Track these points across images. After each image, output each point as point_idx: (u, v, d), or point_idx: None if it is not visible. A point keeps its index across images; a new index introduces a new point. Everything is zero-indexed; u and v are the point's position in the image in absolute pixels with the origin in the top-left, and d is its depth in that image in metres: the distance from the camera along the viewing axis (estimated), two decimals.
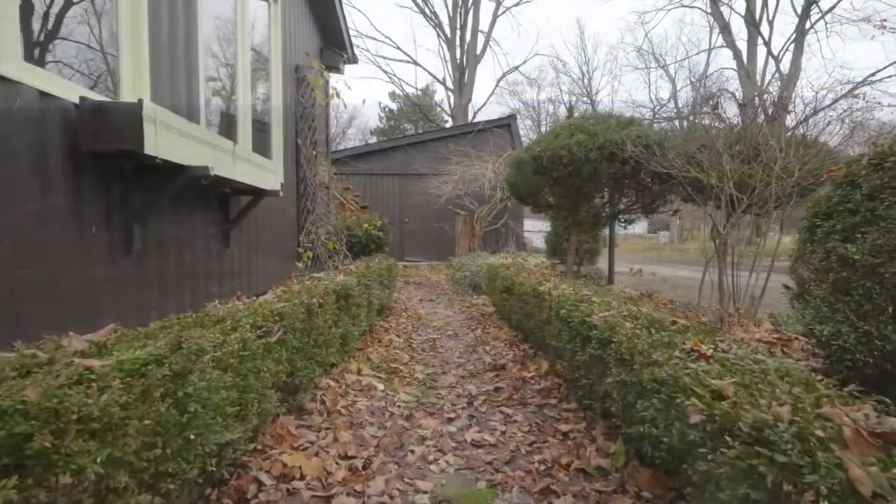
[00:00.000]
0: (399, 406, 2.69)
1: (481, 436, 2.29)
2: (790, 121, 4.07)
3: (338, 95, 5.99)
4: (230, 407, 1.47)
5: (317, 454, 1.98)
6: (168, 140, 2.53)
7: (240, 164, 3.51)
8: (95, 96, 2.39)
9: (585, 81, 34.03)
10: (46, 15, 2.34)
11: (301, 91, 6.37)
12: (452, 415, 2.58)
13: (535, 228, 17.80)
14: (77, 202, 2.33)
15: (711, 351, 1.39)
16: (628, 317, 1.92)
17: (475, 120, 18.36)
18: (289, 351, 2.09)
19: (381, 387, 2.99)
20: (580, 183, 4.94)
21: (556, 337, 2.62)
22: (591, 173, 4.75)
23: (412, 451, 2.12)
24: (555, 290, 2.92)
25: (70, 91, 2.27)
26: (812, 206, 2.37)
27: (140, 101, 2.29)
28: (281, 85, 5.43)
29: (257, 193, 4.06)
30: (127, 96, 2.76)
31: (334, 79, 7.80)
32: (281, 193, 4.30)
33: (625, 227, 6.32)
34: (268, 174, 4.18)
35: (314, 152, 6.74)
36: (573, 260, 5.91)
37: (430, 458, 2.08)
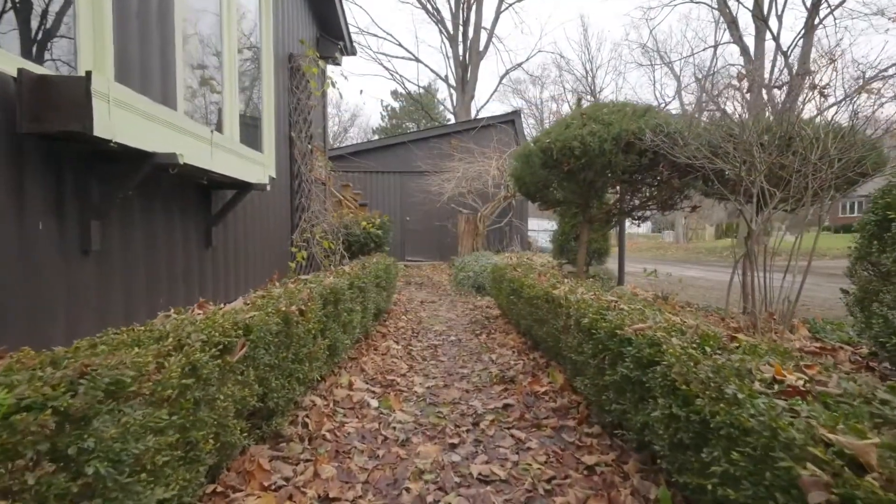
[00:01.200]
0: (394, 428, 2.34)
1: (490, 468, 1.93)
2: (823, 104, 3.71)
3: (333, 85, 5.64)
4: (165, 453, 1.12)
5: (290, 497, 1.63)
6: (126, 121, 2.19)
7: (220, 154, 3.17)
8: (39, 70, 2.05)
9: (589, 79, 33.61)
10: None
11: (295, 81, 6.03)
12: (456, 439, 2.23)
13: (540, 228, 17.42)
14: (18, 193, 1.98)
15: (803, 382, 1.04)
16: (672, 330, 1.57)
17: (478, 117, 18.00)
18: (260, 370, 1.75)
19: (374, 403, 2.64)
20: (593, 177, 4.58)
21: (576, 350, 2.26)
22: (604, 166, 4.39)
23: (407, 490, 1.77)
24: (572, 295, 2.56)
25: (7, 62, 1.93)
26: (881, 197, 2.01)
27: (88, 74, 1.95)
28: (273, 73, 5.09)
29: (242, 187, 3.72)
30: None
31: (331, 70, 7.46)
32: (268, 187, 3.96)
33: (638, 225, 5.95)
34: (254, 166, 3.84)
35: (309, 146, 6.40)
36: (584, 259, 5.54)
37: (430, 498, 1.72)
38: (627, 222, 5.97)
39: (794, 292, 3.38)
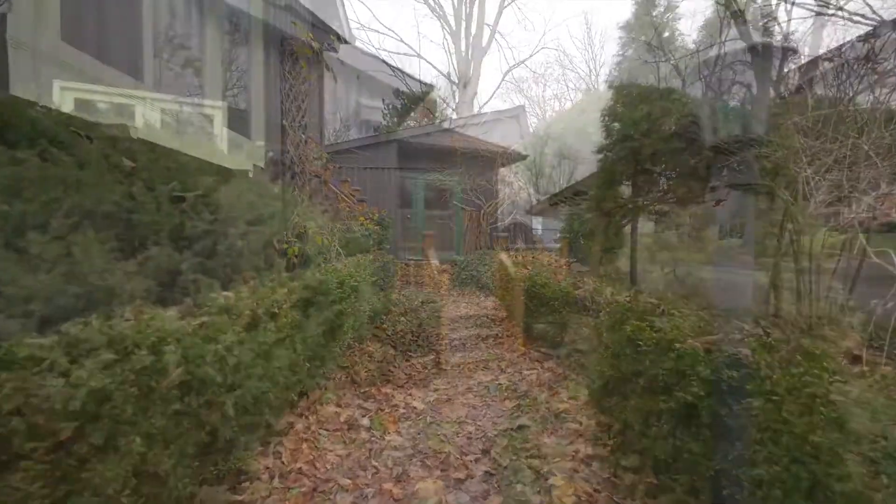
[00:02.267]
0: (388, 456, 1.94)
1: None
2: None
3: (328, 68, 5.24)
4: None
5: None
6: (62, 82, 1.80)
7: (192, 134, 2.78)
8: None
9: (593, 77, 33.11)
10: None
11: (288, 67, 5.61)
12: (462, 472, 1.83)
13: (545, 226, 16.98)
14: None
15: None
16: (756, 345, 1.16)
17: (481, 113, 17.60)
18: (208, 395, 1.35)
19: (366, 423, 2.25)
20: (612, 165, 4.18)
21: (610, 363, 1.86)
22: (625, 152, 3.99)
23: None
24: (599, 296, 2.16)
25: None
26: None
27: (2, 17, 1.55)
28: (262, 55, 4.70)
29: (223, 174, 3.32)
30: (24, 29, 2.03)
31: (327, 57, 7.06)
32: (251, 174, 3.56)
33: (655, 221, 5.55)
34: (236, 152, 3.45)
35: (303, 136, 5.99)
36: (598, 258, 5.13)
37: None
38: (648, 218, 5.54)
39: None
